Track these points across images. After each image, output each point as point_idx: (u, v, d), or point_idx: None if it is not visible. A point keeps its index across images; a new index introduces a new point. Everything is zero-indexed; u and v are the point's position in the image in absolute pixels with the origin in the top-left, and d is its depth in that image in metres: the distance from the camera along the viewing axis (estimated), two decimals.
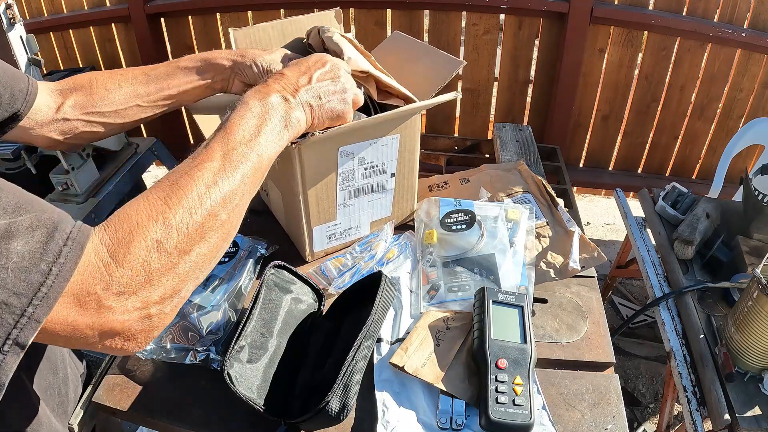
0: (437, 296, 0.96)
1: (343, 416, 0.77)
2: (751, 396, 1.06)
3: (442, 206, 1.08)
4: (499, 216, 1.06)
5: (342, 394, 0.77)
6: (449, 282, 0.97)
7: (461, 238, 1.02)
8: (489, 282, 0.96)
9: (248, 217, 1.25)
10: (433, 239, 1.03)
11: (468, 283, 0.96)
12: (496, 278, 0.97)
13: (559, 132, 2.53)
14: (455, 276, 0.98)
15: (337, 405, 0.77)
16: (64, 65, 3.00)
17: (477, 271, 0.98)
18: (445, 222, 1.05)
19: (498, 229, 1.04)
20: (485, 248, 1.01)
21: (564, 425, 0.84)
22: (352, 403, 0.78)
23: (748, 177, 1.42)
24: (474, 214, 1.06)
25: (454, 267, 0.99)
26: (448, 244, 1.02)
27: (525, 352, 0.84)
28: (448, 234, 1.03)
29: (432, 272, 0.99)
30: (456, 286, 0.96)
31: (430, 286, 0.97)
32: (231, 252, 1.10)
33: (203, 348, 0.91)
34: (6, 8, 1.66)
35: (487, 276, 0.97)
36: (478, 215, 1.06)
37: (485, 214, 1.07)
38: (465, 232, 1.03)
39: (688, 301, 1.29)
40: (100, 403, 0.87)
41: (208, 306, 0.98)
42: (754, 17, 2.19)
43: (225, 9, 2.61)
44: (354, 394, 0.79)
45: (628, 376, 2.07)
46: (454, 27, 2.42)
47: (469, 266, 0.99)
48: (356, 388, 0.79)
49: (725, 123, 2.44)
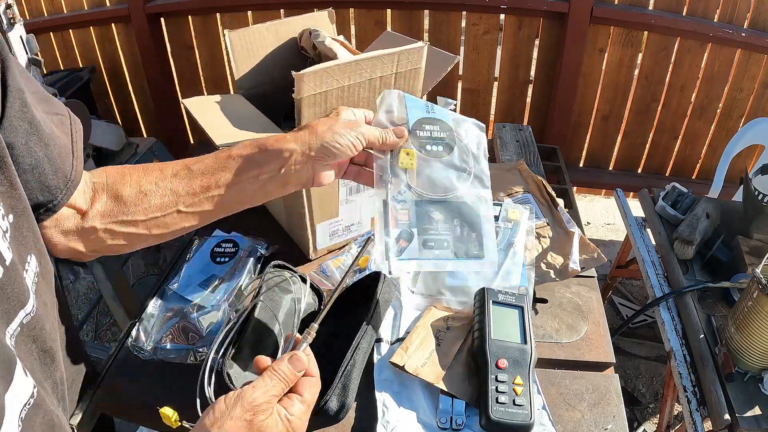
0: (408, 250, 0.70)
1: (342, 415, 0.78)
2: (751, 396, 1.06)
3: (410, 107, 0.76)
4: (480, 148, 0.79)
5: (341, 394, 0.77)
6: (424, 232, 0.71)
7: (440, 170, 0.75)
8: (471, 242, 0.73)
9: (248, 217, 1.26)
10: (412, 162, 0.74)
11: (446, 238, 0.72)
12: (479, 237, 0.73)
13: (559, 132, 2.53)
14: (431, 224, 0.72)
15: (336, 404, 0.77)
16: (64, 65, 3.00)
17: (457, 223, 0.73)
18: (416, 133, 0.75)
19: (481, 165, 0.78)
20: (469, 192, 0.75)
21: (564, 425, 0.84)
22: (350, 402, 0.78)
23: (748, 177, 1.42)
24: (452, 131, 0.77)
25: (429, 209, 0.73)
26: (425, 174, 0.75)
27: (525, 352, 0.84)
28: (426, 158, 0.75)
29: (402, 211, 0.72)
30: (432, 241, 0.71)
31: (399, 231, 0.71)
32: (231, 252, 1.10)
33: (203, 348, 0.91)
34: (6, 8, 1.66)
35: (468, 232, 0.73)
36: (457, 136, 0.77)
37: (465, 140, 0.78)
38: (446, 159, 0.75)
39: (688, 301, 1.29)
40: (100, 403, 0.87)
41: (208, 306, 0.98)
42: (754, 17, 2.19)
43: (225, 9, 2.61)
44: (353, 393, 0.79)
45: (628, 376, 2.07)
46: (454, 27, 2.42)
47: (446, 213, 0.73)
48: (355, 388, 0.79)
49: (725, 123, 2.44)
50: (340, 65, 0.92)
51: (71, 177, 0.61)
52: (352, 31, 2.48)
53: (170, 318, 0.97)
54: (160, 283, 1.07)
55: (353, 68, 0.95)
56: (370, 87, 0.99)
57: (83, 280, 2.61)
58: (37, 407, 0.55)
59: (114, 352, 0.96)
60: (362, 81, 0.97)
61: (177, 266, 1.10)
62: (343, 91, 0.97)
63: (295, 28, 1.17)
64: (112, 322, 2.40)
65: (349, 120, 0.70)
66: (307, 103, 0.93)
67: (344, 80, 0.95)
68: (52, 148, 0.59)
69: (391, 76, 1.00)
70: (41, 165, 0.58)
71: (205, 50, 2.74)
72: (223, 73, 2.79)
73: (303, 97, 0.92)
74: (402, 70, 1.01)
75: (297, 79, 0.90)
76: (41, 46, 2.10)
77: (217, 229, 1.18)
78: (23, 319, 0.55)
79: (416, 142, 0.74)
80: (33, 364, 0.59)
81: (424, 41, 1.00)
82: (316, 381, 0.63)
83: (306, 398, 0.60)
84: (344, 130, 0.68)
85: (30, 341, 0.58)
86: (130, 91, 3.00)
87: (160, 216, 0.66)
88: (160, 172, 0.67)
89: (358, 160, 0.74)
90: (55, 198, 0.60)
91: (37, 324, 0.58)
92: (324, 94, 0.95)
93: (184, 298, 1.01)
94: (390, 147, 0.72)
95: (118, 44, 2.83)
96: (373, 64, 0.96)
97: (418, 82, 1.05)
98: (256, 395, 0.57)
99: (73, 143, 0.64)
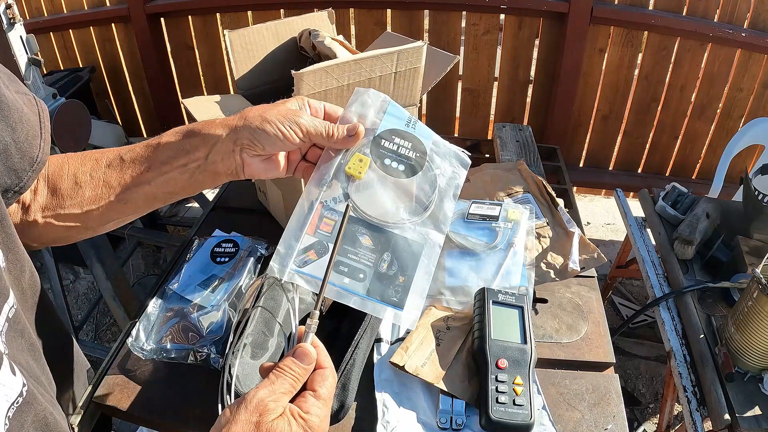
0: (313, 265, 0.59)
1: (341, 415, 0.78)
2: (751, 396, 1.06)
3: (390, 113, 0.67)
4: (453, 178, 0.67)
5: (340, 393, 0.77)
6: (342, 253, 0.59)
7: (390, 191, 0.63)
8: (394, 285, 0.60)
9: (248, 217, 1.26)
10: (361, 171, 0.63)
11: (364, 269, 0.59)
12: (406, 283, 0.60)
13: (559, 132, 2.53)
14: (354, 247, 0.60)
15: (336, 404, 0.77)
16: (64, 65, 3.00)
17: (387, 258, 0.60)
18: (380, 142, 0.65)
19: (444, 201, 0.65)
20: (415, 229, 0.63)
21: (564, 425, 0.84)
22: (350, 402, 0.78)
23: (748, 177, 1.42)
24: (425, 155, 0.66)
25: (359, 231, 0.61)
26: (372, 191, 0.63)
27: (525, 352, 0.84)
28: (379, 173, 0.63)
29: (328, 220, 0.61)
30: (347, 266, 0.59)
31: (315, 241, 0.60)
32: (231, 252, 1.10)
33: (203, 348, 0.91)
34: (6, 8, 1.66)
35: (396, 274, 0.60)
36: (429, 157, 0.66)
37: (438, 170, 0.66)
38: (402, 182, 0.64)
39: (688, 301, 1.29)
40: (100, 403, 0.88)
41: (208, 306, 0.98)
42: (754, 17, 2.19)
43: (225, 9, 2.61)
44: (352, 393, 0.79)
45: (628, 376, 2.07)
46: (454, 27, 2.42)
47: (378, 241, 0.61)
48: (354, 387, 0.79)
49: (725, 123, 2.44)
50: (340, 64, 0.92)
51: (38, 159, 0.60)
52: (352, 31, 2.48)
53: (170, 318, 0.97)
54: (160, 283, 1.07)
55: (352, 67, 0.95)
56: (369, 86, 0.99)
57: (83, 280, 2.61)
58: (27, 405, 0.54)
59: (114, 351, 0.96)
60: (361, 80, 0.97)
61: (177, 266, 1.10)
62: (343, 91, 0.97)
63: (294, 28, 1.17)
64: (112, 322, 2.40)
65: (289, 109, 0.62)
66: None
67: (343, 79, 0.95)
68: (20, 131, 0.57)
69: (390, 75, 1.00)
70: (8, 149, 0.56)
71: (205, 50, 2.74)
72: (223, 73, 2.79)
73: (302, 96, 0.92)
74: (401, 70, 1.01)
75: (296, 78, 0.90)
76: (41, 46, 2.10)
77: (217, 229, 1.19)
78: (8, 313, 0.55)
79: (376, 151, 0.64)
80: (27, 361, 0.59)
81: (423, 41, 1.00)
82: (330, 372, 0.56)
83: (321, 393, 0.54)
84: (277, 117, 0.60)
85: (18, 336, 0.57)
86: (130, 91, 3.00)
87: (95, 209, 0.63)
88: (95, 162, 0.64)
89: (311, 157, 0.66)
90: (21, 180, 0.58)
91: (21, 317, 0.58)
92: (323, 93, 0.95)
93: (184, 298, 1.01)
94: (339, 145, 0.63)
95: (118, 44, 2.84)
96: (373, 64, 0.96)
97: (418, 82, 1.06)
98: (261, 395, 0.51)
99: (41, 124, 0.62)
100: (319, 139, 0.62)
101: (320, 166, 0.63)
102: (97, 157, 0.64)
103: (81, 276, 2.62)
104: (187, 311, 0.97)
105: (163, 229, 2.66)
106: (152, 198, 0.65)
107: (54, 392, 0.66)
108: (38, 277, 0.67)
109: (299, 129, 0.61)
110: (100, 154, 0.65)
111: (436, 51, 1.11)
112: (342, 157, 0.63)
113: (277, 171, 0.65)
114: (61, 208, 0.63)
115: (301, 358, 0.54)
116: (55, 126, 1.82)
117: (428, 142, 0.67)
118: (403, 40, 1.15)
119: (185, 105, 1.10)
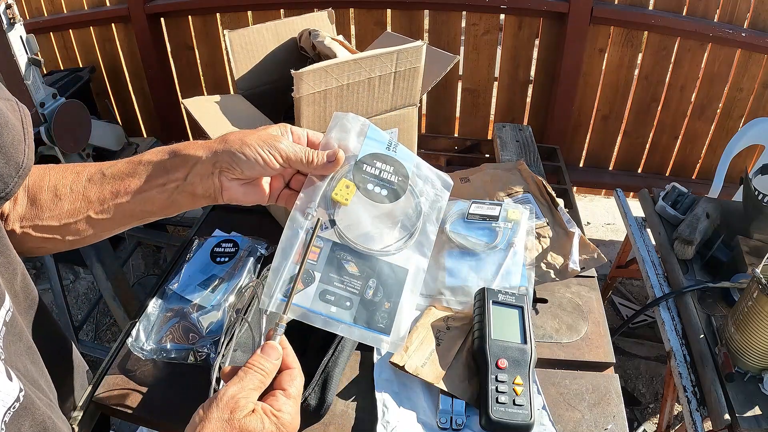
0: (301, 296, 0.59)
1: (322, 412, 0.77)
2: (751, 396, 1.06)
3: (371, 137, 0.66)
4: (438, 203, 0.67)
5: (319, 391, 0.77)
6: (328, 281, 0.60)
7: (374, 218, 0.63)
8: (380, 311, 0.61)
9: (247, 217, 1.26)
10: (347, 197, 0.62)
11: (350, 297, 0.60)
12: (392, 309, 0.61)
13: (559, 132, 2.53)
14: (339, 275, 0.61)
15: (314, 401, 0.76)
16: (64, 65, 3.00)
17: (372, 285, 0.61)
18: (361, 167, 0.64)
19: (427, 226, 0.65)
20: (401, 255, 0.63)
21: (564, 425, 0.84)
22: (331, 399, 0.78)
23: (748, 177, 1.42)
24: (407, 179, 0.65)
25: (344, 258, 0.61)
26: (355, 216, 0.63)
27: (525, 352, 0.84)
28: (363, 199, 0.63)
29: (314, 248, 0.61)
30: (332, 294, 0.60)
31: (302, 270, 0.60)
32: (231, 252, 1.10)
33: (203, 348, 0.91)
34: (6, 8, 1.66)
35: (382, 300, 0.61)
36: (412, 180, 0.65)
37: (421, 195, 0.66)
38: (385, 208, 0.64)
39: (688, 301, 1.29)
40: (100, 403, 0.88)
41: (208, 306, 0.98)
42: (754, 17, 2.19)
43: (225, 9, 2.61)
44: (333, 390, 0.78)
45: (628, 376, 2.07)
46: (454, 27, 2.42)
47: (363, 268, 0.62)
48: (335, 384, 0.79)
49: (725, 123, 2.44)
50: (339, 64, 0.92)
51: (23, 164, 0.59)
52: (352, 31, 2.48)
53: (170, 318, 0.97)
54: (160, 283, 1.07)
55: (352, 67, 0.95)
56: (369, 86, 0.99)
57: (83, 280, 2.61)
58: (24, 410, 0.53)
59: (114, 351, 0.96)
60: (361, 80, 0.97)
61: (177, 266, 1.10)
62: (342, 90, 0.97)
63: (294, 28, 1.17)
64: (112, 322, 2.40)
65: (270, 134, 0.62)
66: (307, 102, 0.93)
67: (343, 79, 0.95)
68: (5, 135, 0.57)
69: (390, 75, 1.00)
70: None
71: (205, 50, 2.74)
72: (223, 73, 2.79)
73: (302, 96, 0.92)
74: (401, 69, 1.01)
75: (296, 78, 0.90)
76: (41, 46, 2.10)
77: (217, 229, 1.19)
78: (5, 317, 0.55)
79: (358, 176, 0.63)
80: (25, 365, 0.58)
81: (423, 41, 1.00)
82: (297, 372, 0.58)
83: (290, 392, 0.56)
84: (257, 142, 0.60)
85: (16, 340, 0.57)
86: (130, 91, 3.00)
87: (72, 222, 0.63)
88: (76, 175, 0.64)
89: (294, 184, 0.66)
90: (7, 186, 0.57)
91: (18, 321, 0.58)
92: (323, 93, 0.95)
93: (184, 298, 1.01)
94: (319, 171, 0.62)
95: (118, 44, 2.84)
96: (372, 63, 0.96)
97: (418, 82, 1.05)
98: (231, 391, 0.53)
99: (24, 129, 0.61)
100: (299, 165, 0.62)
101: (304, 193, 0.62)
102: (78, 170, 0.64)
103: (81, 276, 2.63)
104: (187, 311, 0.97)
105: (163, 229, 2.66)
106: (130, 215, 0.64)
107: (54, 396, 0.66)
108: (31, 280, 0.66)
109: (278, 154, 0.60)
110: (82, 168, 0.64)
111: (436, 51, 1.11)
112: (326, 183, 0.63)
113: (258, 197, 0.65)
114: (39, 219, 0.63)
115: (269, 354, 0.56)
116: (55, 126, 1.82)
117: (410, 165, 0.66)
118: (403, 40, 1.15)
119: (185, 105, 1.10)
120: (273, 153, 0.60)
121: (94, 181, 0.63)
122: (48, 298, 2.27)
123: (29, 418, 0.54)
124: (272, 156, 0.60)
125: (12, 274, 0.61)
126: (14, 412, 0.52)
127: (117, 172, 0.63)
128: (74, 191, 0.63)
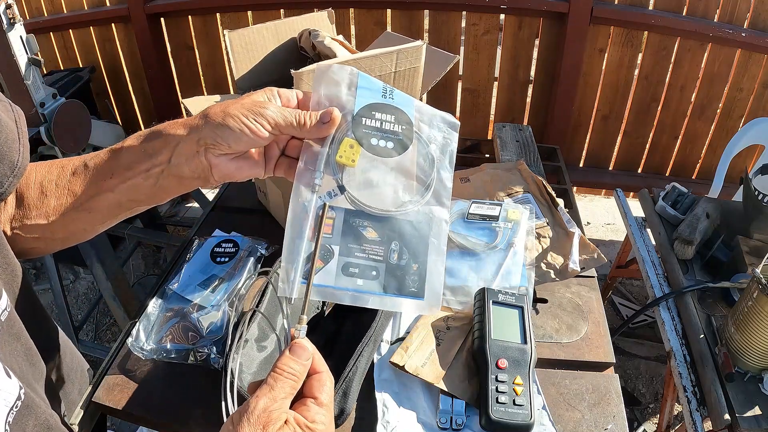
0: (322, 274, 0.54)
1: (340, 421, 0.77)
2: (751, 396, 1.06)
3: (362, 87, 0.59)
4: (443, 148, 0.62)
5: (341, 400, 0.77)
6: (348, 253, 0.55)
7: (385, 175, 0.57)
8: (409, 275, 0.56)
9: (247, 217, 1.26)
10: (354, 158, 0.56)
11: (375, 265, 0.55)
12: (421, 270, 0.56)
13: (559, 132, 2.53)
14: (359, 244, 0.55)
15: (336, 410, 0.76)
16: (64, 65, 3.00)
17: (395, 248, 0.56)
18: (361, 121, 0.58)
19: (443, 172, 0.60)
20: (418, 209, 0.58)
21: (564, 425, 0.84)
22: (350, 408, 0.77)
23: (748, 177, 1.42)
24: (412, 126, 0.60)
25: (361, 224, 0.56)
26: (364, 177, 0.57)
27: (525, 353, 0.84)
28: (368, 156, 0.57)
29: (327, 220, 0.55)
30: (356, 266, 0.55)
31: (319, 246, 0.54)
32: (231, 252, 1.10)
33: (203, 348, 0.91)
34: (6, 8, 1.66)
35: (408, 262, 0.56)
36: (416, 126, 0.60)
37: (428, 139, 0.60)
38: (395, 161, 0.58)
39: (688, 301, 1.29)
40: (100, 403, 0.88)
41: (208, 306, 0.98)
42: (754, 17, 2.19)
43: (225, 9, 2.61)
44: (353, 400, 0.78)
45: (628, 376, 2.07)
46: (454, 27, 2.42)
47: (383, 232, 0.56)
48: (355, 394, 0.79)
49: (725, 123, 2.44)
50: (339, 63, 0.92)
51: (18, 164, 0.58)
52: (352, 31, 2.48)
53: (170, 318, 0.97)
54: (160, 283, 1.07)
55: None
56: None
57: (83, 280, 2.61)
58: (27, 409, 0.53)
59: (114, 351, 0.96)
60: None
61: (177, 266, 1.10)
62: None
63: (294, 28, 1.17)
64: (112, 322, 2.40)
65: (254, 101, 0.56)
66: None
67: None
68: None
69: (390, 74, 1.00)
70: None
71: (205, 50, 2.74)
72: (223, 73, 2.79)
73: None
74: (401, 69, 1.01)
75: (296, 78, 0.90)
76: (41, 46, 2.10)
77: (217, 229, 1.19)
78: (1, 316, 0.54)
79: (358, 132, 0.57)
80: (21, 365, 0.58)
81: (423, 41, 1.00)
82: (327, 376, 0.52)
83: (322, 399, 0.51)
84: (241, 111, 0.54)
85: (14, 340, 0.57)
86: (130, 91, 3.00)
87: (59, 218, 0.60)
88: (61, 170, 0.60)
89: (291, 151, 0.60)
90: (2, 186, 0.56)
91: (16, 321, 0.58)
92: None
93: (184, 298, 1.01)
94: (315, 134, 0.56)
95: (118, 44, 2.84)
96: (372, 63, 0.96)
97: (417, 81, 1.06)
98: (262, 404, 0.48)
99: (18, 129, 0.60)
100: (291, 130, 0.56)
101: (304, 161, 0.56)
102: (63, 165, 0.61)
103: (81, 276, 2.63)
104: (187, 311, 0.97)
105: (163, 229, 2.66)
106: (117, 206, 0.60)
107: (52, 395, 0.65)
108: (29, 280, 0.66)
109: (266, 121, 0.54)
110: (68, 161, 0.61)
111: (436, 51, 1.11)
112: (327, 146, 0.56)
113: (254, 170, 0.60)
114: (27, 218, 0.60)
115: (298, 354, 0.51)
116: (55, 126, 1.82)
117: (411, 110, 0.60)
118: (403, 40, 1.15)
119: (185, 105, 1.10)
120: (260, 121, 0.54)
121: (78, 174, 0.60)
122: (48, 298, 2.27)
123: (32, 417, 0.54)
124: (259, 124, 0.54)
125: (11, 275, 0.61)
126: (17, 411, 0.51)
127: (99, 162, 0.59)
128: (59, 186, 0.60)
